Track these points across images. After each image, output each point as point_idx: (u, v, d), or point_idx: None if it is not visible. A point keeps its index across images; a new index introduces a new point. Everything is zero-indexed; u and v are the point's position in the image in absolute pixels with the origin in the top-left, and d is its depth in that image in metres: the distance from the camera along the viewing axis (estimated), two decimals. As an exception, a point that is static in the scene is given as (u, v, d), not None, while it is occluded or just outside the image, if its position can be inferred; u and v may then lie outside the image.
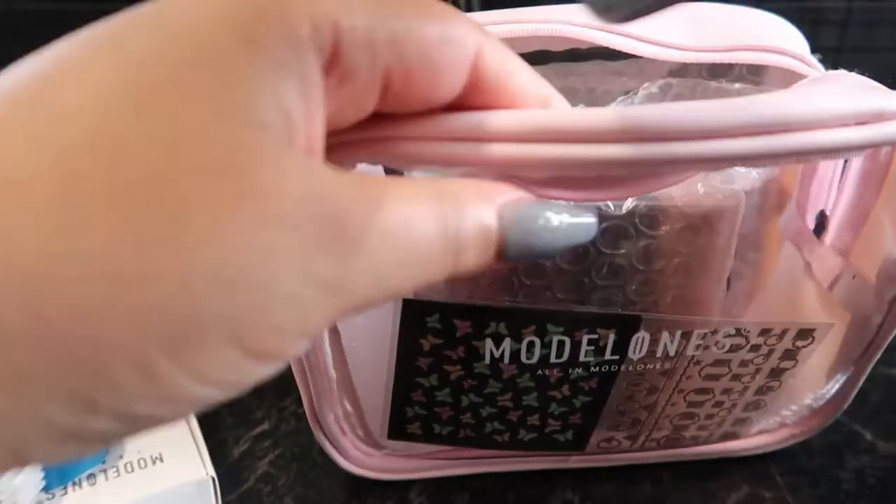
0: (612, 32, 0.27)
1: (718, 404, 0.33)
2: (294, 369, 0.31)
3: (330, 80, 0.15)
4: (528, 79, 0.18)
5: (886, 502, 0.36)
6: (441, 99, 0.17)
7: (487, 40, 0.17)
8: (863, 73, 0.23)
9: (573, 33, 0.27)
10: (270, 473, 0.39)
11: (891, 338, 0.32)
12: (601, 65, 0.33)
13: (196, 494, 0.33)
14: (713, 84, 0.31)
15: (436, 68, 0.16)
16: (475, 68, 0.17)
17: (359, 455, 0.36)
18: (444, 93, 0.17)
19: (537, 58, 0.30)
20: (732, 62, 0.29)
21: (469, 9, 0.40)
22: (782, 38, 0.30)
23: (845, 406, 0.36)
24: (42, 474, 0.30)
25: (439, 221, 0.15)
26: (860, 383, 0.35)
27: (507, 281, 0.29)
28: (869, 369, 0.34)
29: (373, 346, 0.31)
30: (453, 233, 0.15)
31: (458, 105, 0.18)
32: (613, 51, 0.29)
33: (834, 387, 0.35)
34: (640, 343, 0.29)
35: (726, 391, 0.32)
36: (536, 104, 0.19)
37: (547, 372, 0.30)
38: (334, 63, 0.15)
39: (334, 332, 0.30)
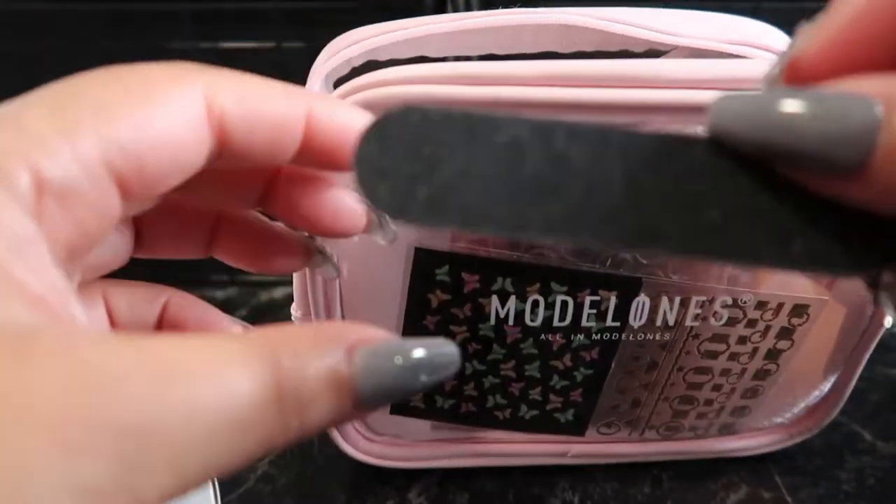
0: (614, 21, 0.30)
1: (717, 387, 0.34)
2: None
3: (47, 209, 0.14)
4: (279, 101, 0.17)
5: (886, 502, 0.36)
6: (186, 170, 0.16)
7: (220, 81, 0.16)
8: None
9: (570, 21, 0.30)
10: (270, 473, 0.38)
11: (882, 329, 0.33)
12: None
13: (196, 494, 0.33)
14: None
15: (165, 151, 0.15)
16: (220, 125, 0.16)
17: (359, 439, 0.36)
18: (191, 161, 0.16)
19: (545, 57, 0.32)
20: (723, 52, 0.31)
21: (468, 8, 0.43)
22: (777, 41, 0.32)
23: (841, 404, 0.36)
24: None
25: (271, 380, 0.13)
26: (854, 380, 0.35)
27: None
28: (863, 364, 0.34)
29: (377, 306, 0.31)
30: (292, 391, 0.13)
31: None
32: (617, 53, 0.32)
33: (829, 383, 0.35)
34: (640, 308, 0.30)
35: (725, 372, 0.33)
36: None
37: (550, 337, 0.31)
38: (43, 190, 0.13)
39: (340, 293, 0.31)
